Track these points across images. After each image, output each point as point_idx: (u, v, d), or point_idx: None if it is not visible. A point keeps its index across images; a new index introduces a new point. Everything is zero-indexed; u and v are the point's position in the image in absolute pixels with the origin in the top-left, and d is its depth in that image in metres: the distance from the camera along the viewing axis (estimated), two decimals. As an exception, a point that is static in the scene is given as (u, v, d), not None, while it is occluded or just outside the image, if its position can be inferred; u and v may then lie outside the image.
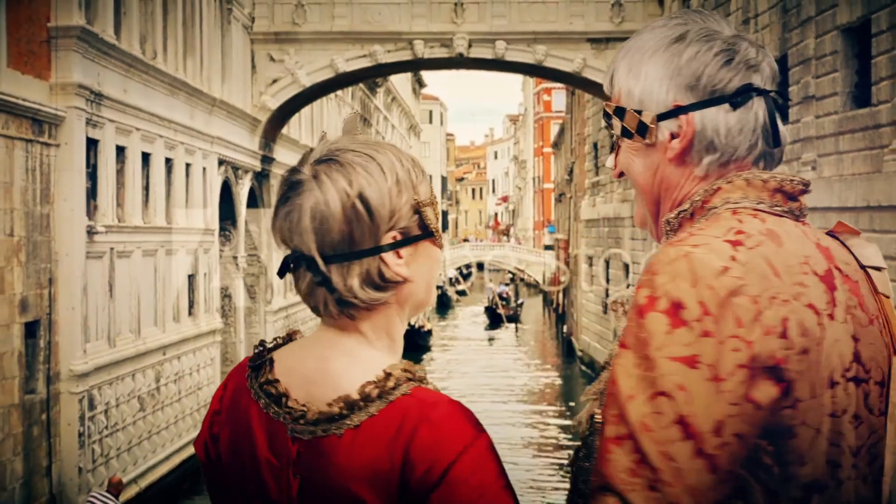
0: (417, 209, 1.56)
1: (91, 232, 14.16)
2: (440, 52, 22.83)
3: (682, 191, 1.58)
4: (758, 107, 1.57)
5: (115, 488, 13.19)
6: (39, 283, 13.05)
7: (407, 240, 1.55)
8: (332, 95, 30.89)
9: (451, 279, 67.35)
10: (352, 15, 22.69)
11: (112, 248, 15.01)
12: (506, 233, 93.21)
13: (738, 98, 1.55)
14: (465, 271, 77.83)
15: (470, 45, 22.61)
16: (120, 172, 15.57)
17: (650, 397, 1.37)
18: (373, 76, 30.12)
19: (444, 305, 58.85)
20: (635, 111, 1.58)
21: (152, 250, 16.84)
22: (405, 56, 22.90)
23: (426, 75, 63.23)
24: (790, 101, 14.81)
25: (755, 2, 16.37)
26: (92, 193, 14.46)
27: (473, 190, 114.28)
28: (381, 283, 1.53)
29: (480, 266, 74.38)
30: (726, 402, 1.36)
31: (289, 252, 1.54)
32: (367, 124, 41.68)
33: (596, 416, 1.55)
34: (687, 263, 1.40)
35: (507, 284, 60.17)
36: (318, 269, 1.51)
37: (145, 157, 16.57)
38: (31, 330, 12.86)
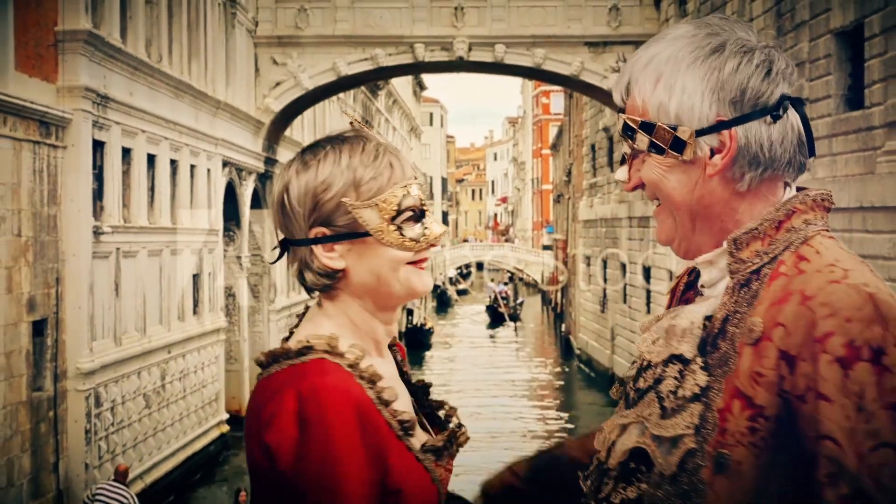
0: (351, 213, 1.62)
1: (97, 232, 14.16)
2: (440, 56, 22.83)
3: (729, 207, 1.52)
4: (793, 117, 1.51)
5: (123, 476, 13.15)
6: (47, 283, 13.06)
7: (334, 236, 1.63)
8: (334, 98, 30.89)
9: (450, 279, 67.35)
10: (353, 19, 22.69)
11: (118, 248, 15.01)
12: (505, 233, 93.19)
13: (779, 110, 1.49)
14: (464, 271, 77.86)
15: (470, 49, 22.61)
16: (126, 174, 15.57)
17: (872, 449, 1.33)
18: (374, 79, 30.12)
19: (443, 304, 58.85)
20: (669, 126, 1.50)
21: (157, 250, 16.84)
22: (406, 59, 22.90)
23: (427, 78, 63.24)
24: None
25: (750, 6, 16.37)
26: (98, 194, 14.47)
27: (473, 191, 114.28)
28: (316, 271, 1.65)
29: (480, 266, 74.43)
30: None
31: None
32: (368, 126, 41.69)
33: (644, 446, 1.50)
34: (873, 306, 1.36)
35: (505, 284, 60.17)
36: (283, 249, 1.69)
37: (151, 159, 16.57)
38: (38, 328, 12.86)
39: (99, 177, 14.47)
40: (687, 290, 1.68)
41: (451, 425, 1.76)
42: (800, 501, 1.39)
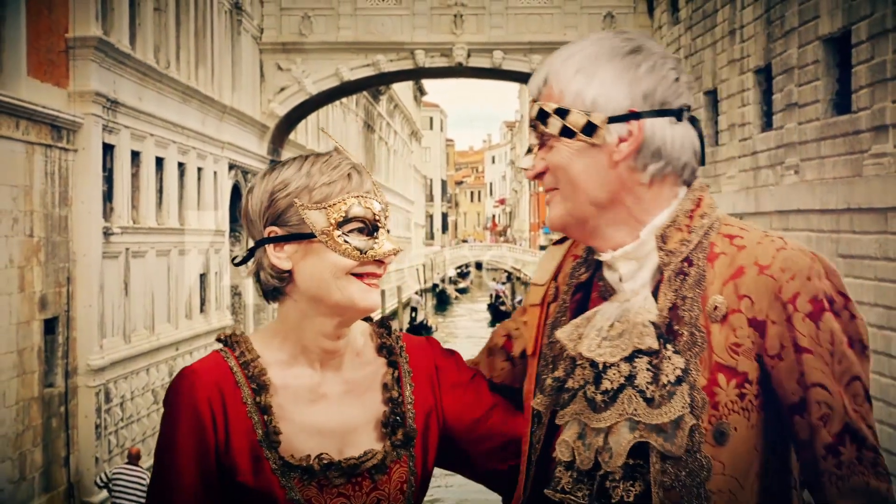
0: (300, 213, 1.64)
1: (107, 233, 14.16)
2: (440, 62, 22.84)
3: (635, 196, 1.58)
4: (691, 129, 1.60)
5: (135, 458, 13.20)
6: (58, 282, 13.05)
7: (284, 236, 1.65)
8: (337, 103, 30.88)
9: (450, 278, 67.39)
10: (356, 26, 22.69)
11: (127, 249, 15.01)
12: (503, 234, 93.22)
13: (683, 114, 1.58)
14: (464, 270, 77.91)
15: (469, 55, 22.61)
16: (135, 176, 15.57)
17: (848, 385, 1.49)
18: (376, 84, 30.13)
19: (442, 303, 58.90)
20: (584, 112, 1.56)
21: (166, 250, 16.84)
22: (407, 65, 22.90)
23: (427, 83, 63.26)
24: (774, 108, 14.82)
25: (741, 14, 16.37)
26: (108, 196, 14.47)
27: (472, 193, 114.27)
28: (270, 271, 1.66)
29: (479, 265, 74.47)
30: (869, 365, 1.52)
31: None
32: (370, 130, 41.69)
33: (646, 439, 1.52)
34: (819, 263, 1.51)
35: (503, 283, 60.22)
36: (249, 254, 1.72)
37: (159, 162, 16.57)
38: (50, 326, 12.86)
39: (109, 179, 14.47)
40: (577, 290, 1.69)
41: (360, 454, 1.67)
42: (788, 450, 1.53)
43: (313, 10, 22.71)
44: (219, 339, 1.70)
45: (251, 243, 1.69)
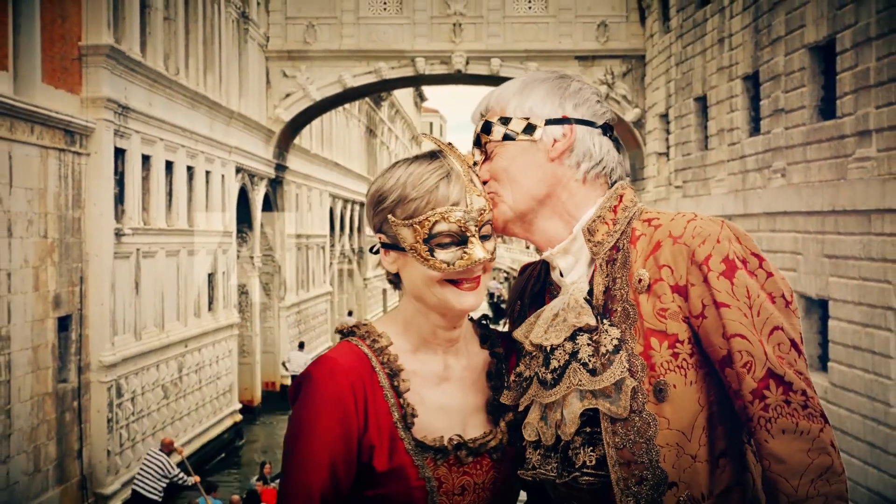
0: (393, 228, 1.70)
1: (119, 234, 14.16)
2: (440, 69, 22.82)
3: (571, 193, 1.72)
4: (615, 145, 1.76)
5: (167, 448, 13.67)
6: (71, 281, 13.05)
7: (384, 244, 1.74)
8: (340, 108, 30.87)
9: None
10: (358, 34, 22.69)
11: (138, 249, 15.00)
12: (500, 234, 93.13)
13: (608, 129, 1.75)
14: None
15: (467, 63, 22.60)
16: (145, 179, 15.57)
17: (770, 334, 1.56)
18: (378, 91, 30.09)
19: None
20: (523, 117, 1.72)
21: (175, 251, 16.83)
22: (408, 72, 22.89)
23: (427, 90, 63.18)
24: (761, 114, 14.82)
25: (730, 23, 16.37)
26: (119, 198, 14.46)
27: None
28: (386, 271, 1.75)
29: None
30: (797, 320, 1.61)
31: None
32: (372, 135, 41.67)
33: (592, 405, 1.61)
34: (728, 228, 1.61)
35: (501, 283, 60.23)
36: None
37: (168, 165, 16.56)
38: (63, 324, 12.86)
39: (120, 182, 14.46)
40: (532, 302, 1.82)
41: (483, 433, 1.73)
42: (726, 402, 1.60)
43: (317, 19, 22.70)
44: (340, 331, 1.76)
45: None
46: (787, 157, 13.59)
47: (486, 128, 1.74)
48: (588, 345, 1.63)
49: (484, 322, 1.88)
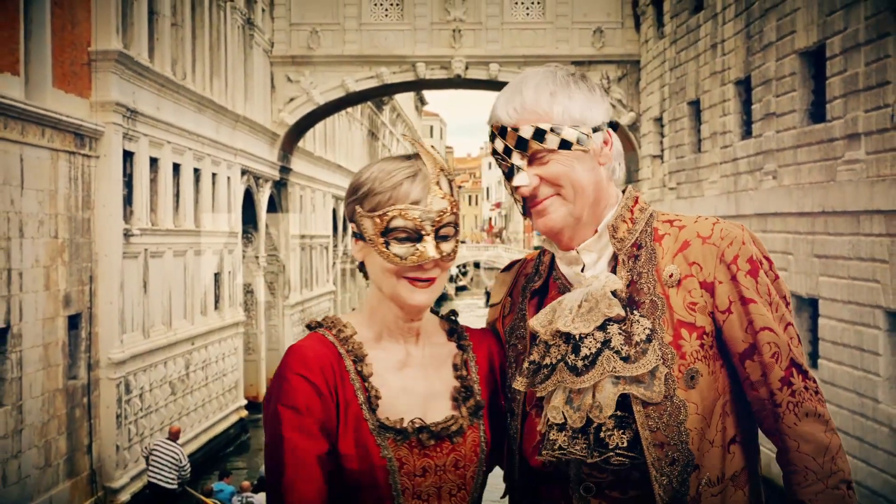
0: (357, 217, 1.77)
1: (127, 234, 14.15)
2: (440, 74, 22.82)
3: (607, 193, 1.78)
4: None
5: (175, 436, 13.82)
6: (81, 281, 13.05)
7: (354, 233, 1.80)
8: (343, 112, 30.87)
9: (451, 276, 67.39)
10: (361, 40, 22.68)
11: (146, 249, 15.00)
12: (499, 235, 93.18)
13: (617, 127, 1.80)
14: (464, 269, 77.93)
15: (466, 68, 22.59)
16: (153, 181, 15.56)
17: (786, 329, 1.67)
18: (380, 95, 30.08)
19: (441, 298, 58.86)
20: (574, 126, 1.73)
21: (182, 251, 16.83)
22: (409, 77, 22.89)
23: (427, 94, 63.21)
24: (753, 117, 14.82)
25: (722, 29, 16.37)
26: (128, 200, 14.46)
27: (470, 197, 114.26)
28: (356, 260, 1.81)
29: (477, 264, 74.46)
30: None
31: None
32: (374, 138, 41.66)
33: (627, 391, 1.66)
34: (748, 232, 1.70)
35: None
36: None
37: (176, 168, 16.56)
38: (73, 322, 12.86)
39: (128, 184, 14.46)
40: (532, 296, 1.85)
41: (445, 419, 1.77)
42: (738, 393, 1.68)
43: (321, 25, 22.69)
44: (309, 326, 1.81)
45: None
46: (778, 160, 13.59)
47: (539, 136, 1.72)
48: (619, 334, 1.68)
49: (452, 318, 1.92)
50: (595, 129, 1.74)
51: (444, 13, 22.67)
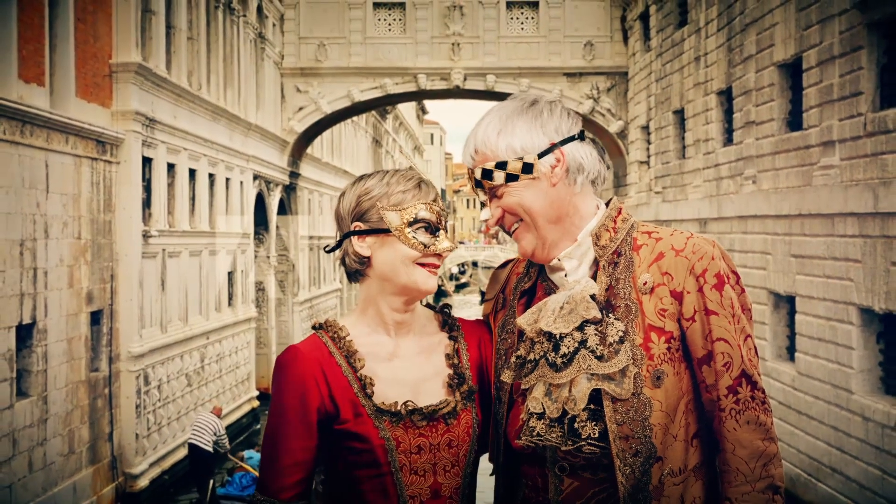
0: (379, 212, 1.85)
1: (146, 235, 14.15)
2: (440, 85, 22.82)
3: (573, 206, 1.80)
4: (593, 146, 1.84)
5: (217, 413, 14.54)
6: (103, 279, 13.05)
7: (366, 230, 1.86)
8: (349, 121, 30.86)
9: (451, 274, 67.46)
10: (366, 53, 22.68)
11: (164, 249, 15.00)
12: (495, 236, 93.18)
13: (583, 135, 1.82)
14: (463, 268, 78.04)
15: (465, 79, 22.59)
16: (170, 185, 15.56)
17: (745, 341, 1.70)
18: (383, 105, 30.10)
19: (438, 295, 58.84)
20: (517, 158, 1.77)
21: (198, 251, 16.82)
22: (411, 87, 22.89)
23: (428, 103, 63.20)
24: (734, 125, 14.81)
25: (705, 42, 16.37)
26: (147, 203, 14.46)
27: (468, 200, 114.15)
28: (353, 257, 1.87)
29: (475, 264, 74.51)
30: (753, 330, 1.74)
31: None
32: (378, 145, 41.64)
33: (600, 386, 1.71)
34: (718, 248, 1.74)
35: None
36: (337, 244, 1.92)
37: (192, 173, 16.56)
38: (95, 318, 12.86)
39: (147, 188, 14.46)
40: (522, 295, 1.90)
41: (437, 402, 1.86)
42: (698, 393, 1.72)
43: (328, 39, 22.69)
44: (314, 327, 1.91)
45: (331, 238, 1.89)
46: (757, 166, 13.59)
47: (487, 175, 1.80)
48: (595, 335, 1.73)
49: (446, 311, 2.00)
50: (544, 153, 1.77)
51: (444, 27, 22.66)
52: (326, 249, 1.97)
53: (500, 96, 24.41)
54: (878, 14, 10.27)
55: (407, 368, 1.87)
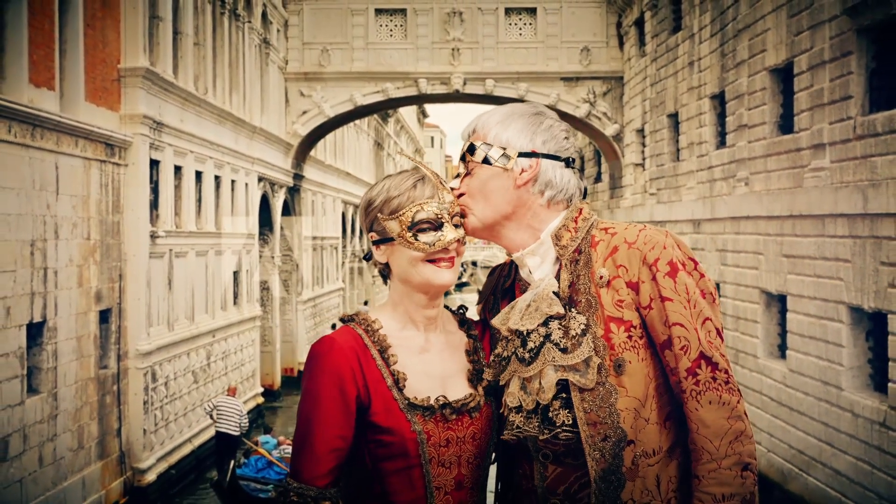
0: (381, 223, 1.89)
1: (153, 236, 14.15)
2: (440, 89, 22.82)
3: (536, 215, 1.86)
4: (576, 175, 1.90)
5: (233, 393, 14.87)
6: (111, 278, 13.05)
7: (377, 240, 1.92)
8: (351, 124, 30.86)
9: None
10: (368, 58, 22.68)
11: (171, 250, 15.00)
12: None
13: (571, 161, 1.88)
14: (462, 268, 78.08)
15: (465, 83, 22.59)
16: (177, 187, 15.56)
17: (702, 324, 1.72)
18: (385, 108, 30.07)
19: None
20: (500, 146, 1.85)
21: (204, 251, 16.83)
22: (412, 92, 22.89)
23: (429, 107, 63.18)
24: (727, 129, 14.81)
25: (699, 47, 16.38)
26: (154, 204, 14.46)
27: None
28: (377, 263, 1.94)
29: (474, 263, 74.51)
30: (719, 312, 1.77)
31: None
32: (380, 148, 41.65)
33: (565, 376, 1.76)
34: (671, 237, 1.77)
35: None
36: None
37: (198, 175, 16.56)
38: (104, 316, 12.85)
39: (155, 190, 14.46)
40: (504, 295, 1.97)
41: (464, 396, 1.90)
42: (664, 373, 1.75)
43: (331, 44, 22.69)
44: (342, 319, 1.94)
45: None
46: (749, 168, 13.59)
47: (471, 149, 1.88)
48: (559, 329, 1.78)
49: (462, 311, 2.05)
50: (524, 155, 1.84)
51: (444, 33, 22.66)
52: (365, 258, 2.01)
53: (499, 100, 24.41)
54: (867, 20, 10.27)
55: (435, 362, 1.91)
